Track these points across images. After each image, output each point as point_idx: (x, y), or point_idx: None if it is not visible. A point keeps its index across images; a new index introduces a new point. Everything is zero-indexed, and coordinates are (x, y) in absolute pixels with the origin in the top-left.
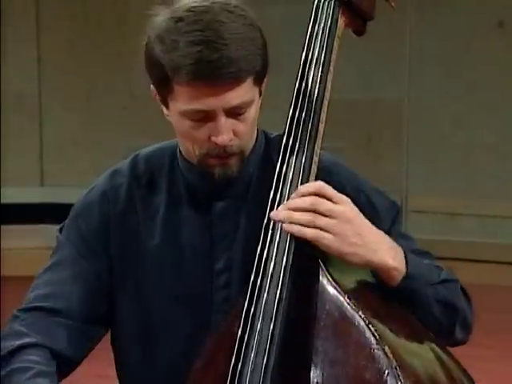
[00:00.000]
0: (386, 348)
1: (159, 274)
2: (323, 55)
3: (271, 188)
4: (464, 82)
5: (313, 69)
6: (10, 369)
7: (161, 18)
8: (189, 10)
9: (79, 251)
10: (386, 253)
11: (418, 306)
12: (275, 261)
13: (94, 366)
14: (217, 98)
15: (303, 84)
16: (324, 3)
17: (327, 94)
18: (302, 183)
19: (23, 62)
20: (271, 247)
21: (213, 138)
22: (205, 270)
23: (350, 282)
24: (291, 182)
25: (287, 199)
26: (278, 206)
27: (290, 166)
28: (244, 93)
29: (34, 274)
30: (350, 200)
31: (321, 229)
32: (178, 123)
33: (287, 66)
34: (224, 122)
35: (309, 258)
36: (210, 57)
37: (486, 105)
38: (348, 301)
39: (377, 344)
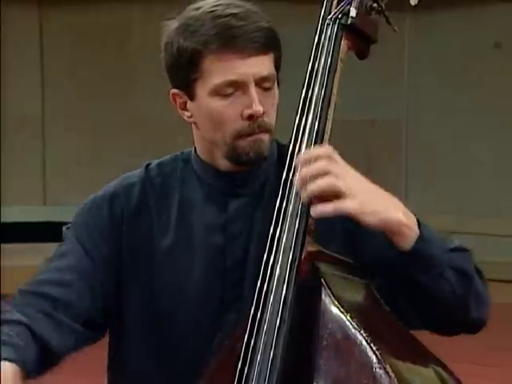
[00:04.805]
0: (388, 367)
1: (171, 271)
2: (326, 78)
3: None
4: (461, 102)
5: (316, 90)
6: None
7: (173, 22)
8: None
9: (84, 247)
10: (396, 208)
11: (432, 271)
12: (280, 271)
13: None
14: (247, 66)
15: (308, 95)
16: (327, 26)
17: (331, 113)
18: None
19: (27, 83)
20: (277, 255)
21: (246, 111)
22: (217, 267)
23: (352, 299)
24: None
25: (293, 207)
26: (285, 213)
27: (296, 172)
28: (270, 65)
29: None
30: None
31: (338, 195)
32: (209, 107)
33: (288, 89)
34: (255, 93)
35: (312, 275)
36: (238, 23)
37: (483, 124)
38: (350, 320)
39: (378, 363)
